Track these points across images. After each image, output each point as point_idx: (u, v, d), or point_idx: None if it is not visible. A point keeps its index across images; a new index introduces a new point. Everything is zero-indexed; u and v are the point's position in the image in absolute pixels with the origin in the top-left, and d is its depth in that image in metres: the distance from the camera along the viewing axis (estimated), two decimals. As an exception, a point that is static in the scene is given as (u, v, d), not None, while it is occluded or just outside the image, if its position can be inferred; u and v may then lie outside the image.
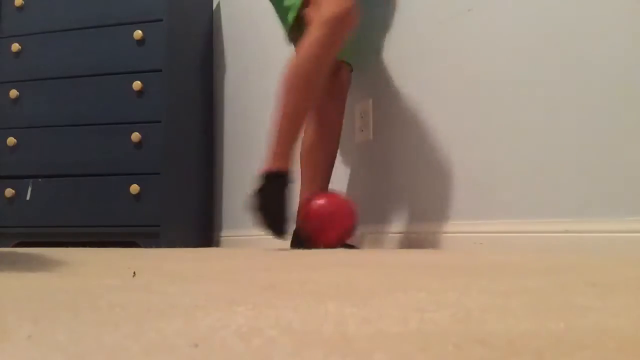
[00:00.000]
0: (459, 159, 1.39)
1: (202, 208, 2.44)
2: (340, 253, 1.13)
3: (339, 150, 1.66)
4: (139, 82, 2.13)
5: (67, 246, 1.94)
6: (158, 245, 2.04)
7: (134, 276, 0.60)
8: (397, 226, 1.56)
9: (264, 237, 1.51)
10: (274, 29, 1.87)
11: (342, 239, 1.44)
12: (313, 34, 1.40)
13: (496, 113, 1.30)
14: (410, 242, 1.49)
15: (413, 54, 1.55)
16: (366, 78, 1.71)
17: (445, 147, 1.43)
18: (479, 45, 1.35)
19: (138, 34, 2.16)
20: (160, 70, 2.15)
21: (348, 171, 1.77)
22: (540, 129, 1.20)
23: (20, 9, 2.30)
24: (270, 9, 1.76)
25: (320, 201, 1.44)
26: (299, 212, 1.53)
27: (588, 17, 1.12)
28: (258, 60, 2.30)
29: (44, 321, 0.30)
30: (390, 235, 1.57)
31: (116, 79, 2.16)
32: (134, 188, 2.07)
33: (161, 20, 2.18)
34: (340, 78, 1.64)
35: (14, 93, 2.22)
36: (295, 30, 1.53)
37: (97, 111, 2.16)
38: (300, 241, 1.47)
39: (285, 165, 1.41)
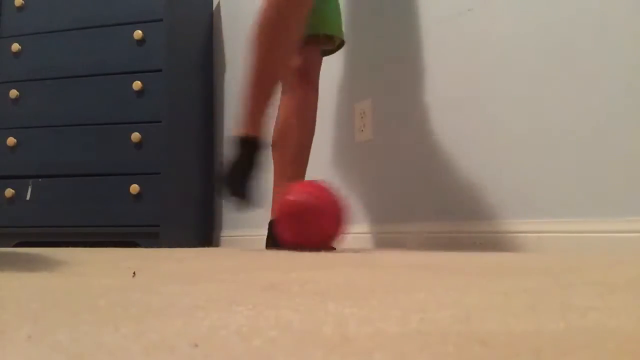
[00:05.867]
0: (458, 159, 1.39)
1: (202, 208, 2.44)
2: (340, 253, 1.12)
3: (338, 150, 1.66)
4: (139, 82, 2.13)
5: (67, 246, 1.94)
6: (158, 245, 2.03)
7: (134, 276, 0.60)
8: (396, 226, 1.56)
9: (263, 237, 1.50)
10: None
11: (323, 242, 1.21)
12: None
13: (496, 113, 1.30)
14: (409, 241, 1.49)
15: (412, 54, 1.55)
16: (366, 78, 1.71)
17: (444, 147, 1.43)
18: (479, 44, 1.35)
19: (138, 34, 2.16)
20: (160, 70, 2.15)
21: (348, 171, 1.77)
22: (540, 128, 1.20)
23: (20, 9, 2.29)
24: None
25: (296, 196, 1.20)
26: (272, 208, 1.45)
27: (588, 17, 1.12)
28: (258, 60, 2.29)
29: (44, 321, 0.30)
30: (390, 235, 1.57)
31: (116, 79, 2.16)
32: (134, 188, 2.07)
33: (161, 20, 2.18)
34: (306, 61, 1.53)
35: (14, 93, 2.22)
36: None
37: (97, 111, 2.16)
38: (276, 241, 1.34)
39: (254, 130, 1.34)
